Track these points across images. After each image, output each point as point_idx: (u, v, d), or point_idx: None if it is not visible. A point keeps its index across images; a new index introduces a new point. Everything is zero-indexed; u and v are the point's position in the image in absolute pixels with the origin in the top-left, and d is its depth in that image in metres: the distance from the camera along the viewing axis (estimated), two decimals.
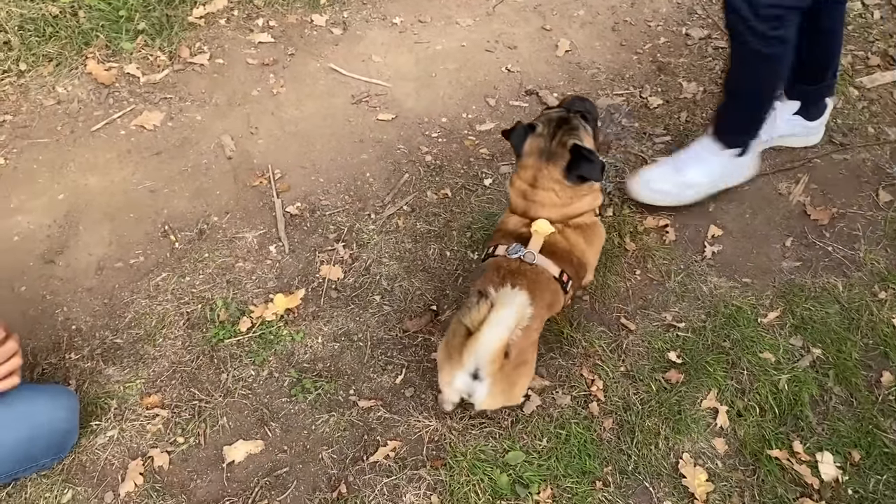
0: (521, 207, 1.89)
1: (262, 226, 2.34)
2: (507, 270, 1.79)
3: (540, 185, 1.85)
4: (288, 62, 2.77)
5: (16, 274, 2.21)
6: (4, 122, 2.53)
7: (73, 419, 1.81)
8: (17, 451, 1.71)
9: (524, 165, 1.87)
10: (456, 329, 1.71)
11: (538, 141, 1.85)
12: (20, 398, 1.71)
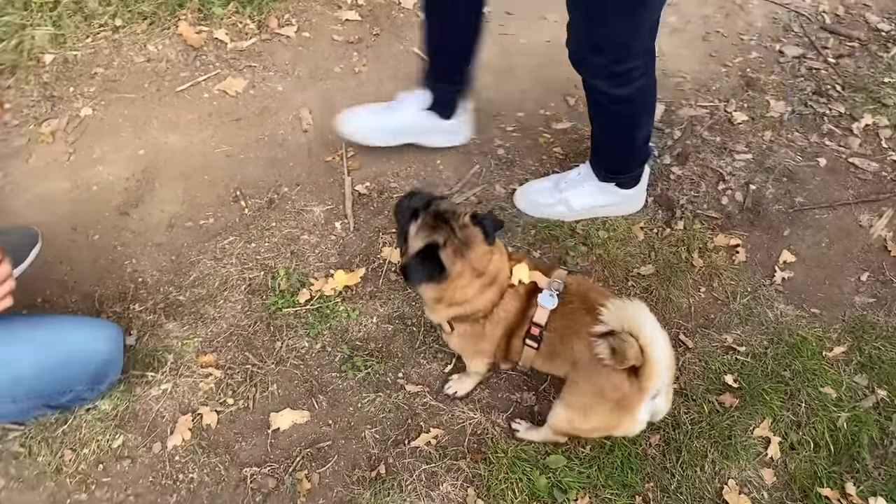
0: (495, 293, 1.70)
1: (331, 201, 2.36)
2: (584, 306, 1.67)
3: (485, 265, 1.66)
4: (372, 42, 2.78)
5: (91, 222, 2.29)
6: (96, 74, 2.62)
7: (113, 351, 1.78)
8: (49, 373, 1.70)
9: (459, 275, 1.65)
10: (602, 386, 1.63)
11: (449, 248, 1.62)
12: (56, 323, 1.75)
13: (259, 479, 1.84)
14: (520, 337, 1.72)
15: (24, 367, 1.66)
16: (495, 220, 1.70)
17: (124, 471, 1.85)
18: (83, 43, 2.67)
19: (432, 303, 1.73)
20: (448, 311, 1.72)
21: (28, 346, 1.66)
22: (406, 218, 1.69)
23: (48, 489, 1.81)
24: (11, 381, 1.65)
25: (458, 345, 1.84)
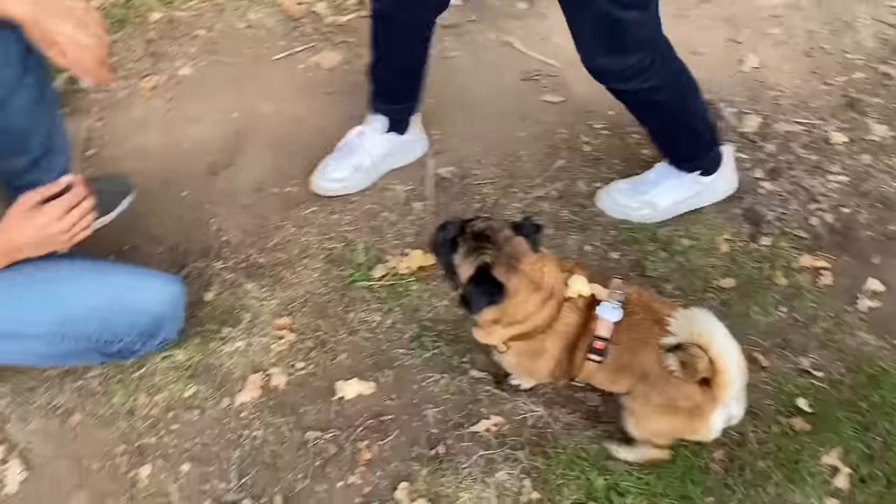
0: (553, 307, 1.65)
1: (412, 182, 2.38)
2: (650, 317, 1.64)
3: (540, 277, 1.62)
4: (467, 28, 2.79)
5: (183, 179, 2.36)
6: (198, 36, 2.70)
7: (169, 308, 1.79)
8: (101, 318, 1.70)
9: (517, 291, 1.61)
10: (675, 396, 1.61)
11: (500, 265, 1.59)
12: (119, 271, 1.78)
13: (321, 444, 1.87)
14: (582, 351, 1.68)
15: (78, 307, 1.68)
16: (534, 226, 1.66)
17: (192, 420, 1.91)
18: (188, 5, 2.75)
19: (489, 325, 1.70)
20: (505, 332, 1.69)
21: (86, 288, 1.70)
22: (447, 250, 1.65)
23: (120, 429, 1.89)
24: (63, 319, 1.67)
25: (514, 363, 1.81)
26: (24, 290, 1.64)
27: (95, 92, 2.52)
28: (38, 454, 1.84)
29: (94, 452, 1.85)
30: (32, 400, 1.90)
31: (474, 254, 1.59)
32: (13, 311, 1.63)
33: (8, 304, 1.63)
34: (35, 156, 1.94)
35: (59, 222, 1.56)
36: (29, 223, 1.55)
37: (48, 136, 1.95)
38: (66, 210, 1.57)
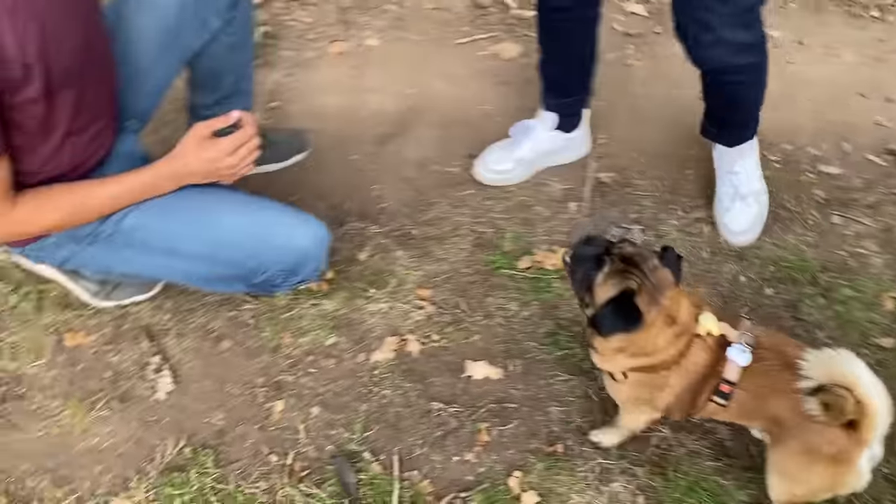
0: (684, 343, 1.58)
1: (571, 182, 2.38)
2: (780, 361, 1.56)
3: (676, 312, 1.55)
4: (651, 39, 2.76)
5: (353, 144, 2.47)
6: (388, 11, 2.81)
7: (312, 248, 1.81)
8: (247, 246, 1.76)
9: (653, 323, 1.53)
10: (816, 442, 1.53)
11: (644, 294, 1.51)
12: (271, 207, 1.82)
13: (443, 416, 1.92)
14: (706, 392, 1.61)
15: (229, 233, 1.75)
16: (678, 257, 1.59)
17: (329, 368, 2.00)
18: None
19: (612, 352, 1.63)
20: (628, 362, 1.62)
21: (238, 217, 1.77)
22: (590, 266, 1.57)
23: (263, 361, 2.00)
24: (214, 242, 1.75)
25: (629, 395, 1.72)
26: (184, 211, 1.73)
27: (288, 49, 2.68)
28: (187, 370, 1.99)
29: (236, 378, 1.98)
30: (190, 320, 2.06)
31: (619, 276, 1.53)
32: (172, 228, 1.73)
33: (169, 221, 1.72)
34: (223, 94, 2.11)
35: (228, 157, 1.63)
36: (201, 153, 1.63)
37: (238, 80, 2.11)
38: (236, 147, 1.63)
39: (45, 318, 2.03)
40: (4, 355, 1.98)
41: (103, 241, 1.71)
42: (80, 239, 1.71)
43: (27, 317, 2.03)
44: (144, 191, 1.65)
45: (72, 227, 1.65)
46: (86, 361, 1.98)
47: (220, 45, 1.96)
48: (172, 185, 1.67)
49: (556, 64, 2.26)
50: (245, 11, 1.99)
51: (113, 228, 1.70)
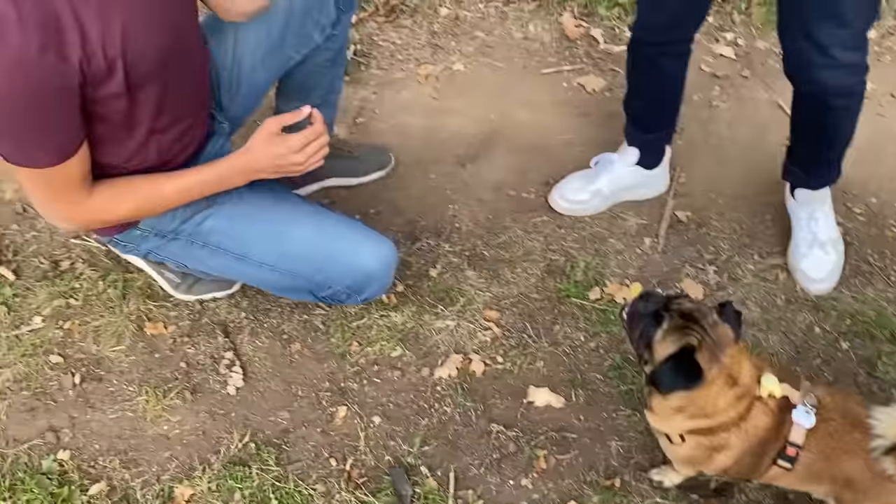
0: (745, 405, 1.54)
1: (647, 217, 2.38)
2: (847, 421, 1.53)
3: (738, 372, 1.52)
4: (738, 82, 2.74)
5: (432, 163, 2.52)
6: (477, 37, 2.87)
7: (377, 269, 1.83)
8: (313, 261, 1.80)
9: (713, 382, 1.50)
10: None
11: (704, 351, 1.48)
12: (340, 223, 1.86)
13: (502, 439, 1.93)
14: (769, 456, 1.57)
15: (297, 246, 1.80)
16: (737, 313, 1.56)
17: (393, 379, 2.03)
18: (475, 7, 2.93)
19: (670, 413, 1.58)
20: (687, 423, 1.57)
21: (307, 232, 1.81)
22: (648, 322, 1.55)
23: (330, 367, 2.05)
24: (281, 253, 1.80)
25: (685, 457, 1.66)
26: (259, 220, 1.80)
27: (377, 68, 2.76)
28: (257, 368, 2.05)
29: (303, 381, 2.03)
30: (265, 320, 2.12)
31: (679, 332, 1.50)
32: (246, 236, 1.80)
33: (244, 228, 1.79)
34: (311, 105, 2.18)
35: (297, 154, 1.62)
36: (271, 149, 1.62)
37: (327, 93, 2.19)
38: (304, 144, 1.62)
39: (129, 306, 2.12)
40: (88, 338, 2.08)
41: (184, 239, 1.79)
42: (164, 234, 1.79)
43: (112, 303, 2.13)
44: (214, 184, 1.67)
45: (145, 217, 1.70)
46: (163, 351, 2.07)
47: (317, 60, 2.04)
48: (242, 180, 1.69)
49: (642, 99, 2.28)
50: (344, 30, 2.07)
51: (193, 229, 1.77)
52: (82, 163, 1.48)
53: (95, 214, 1.61)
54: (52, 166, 1.43)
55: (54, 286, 2.14)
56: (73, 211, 1.56)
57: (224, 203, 1.77)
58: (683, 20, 2.10)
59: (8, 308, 2.10)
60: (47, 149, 1.41)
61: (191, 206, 1.74)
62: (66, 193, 1.50)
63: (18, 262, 2.20)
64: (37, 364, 2.02)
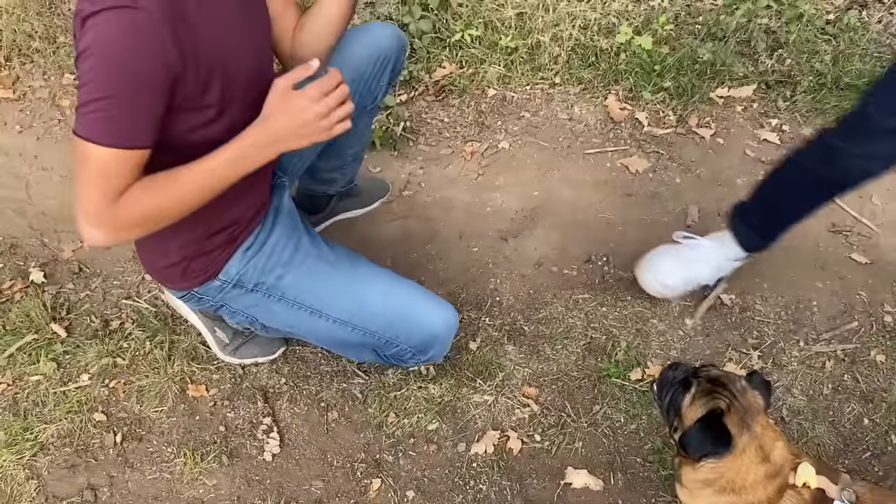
0: (772, 490, 1.51)
1: (690, 299, 2.36)
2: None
3: (770, 448, 1.50)
4: None
5: (476, 236, 2.56)
6: (523, 117, 2.94)
7: (443, 330, 1.85)
8: (386, 317, 1.81)
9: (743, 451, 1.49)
10: None
11: (733, 415, 1.49)
12: (411, 285, 1.86)
13: None
14: None
15: (372, 304, 1.81)
16: (765, 382, 1.56)
17: (428, 453, 2.02)
18: (522, 88, 3.02)
19: (699, 486, 1.56)
20: (714, 498, 1.54)
21: (381, 288, 1.83)
22: (677, 389, 1.59)
23: (366, 437, 2.05)
24: (356, 310, 1.80)
25: None
26: (337, 278, 1.82)
27: (425, 144, 2.84)
28: (294, 435, 2.06)
29: (339, 450, 2.03)
30: (304, 387, 2.14)
31: (707, 396, 1.52)
32: (324, 293, 1.81)
33: (322, 285, 1.82)
34: (343, 162, 2.28)
35: (316, 105, 1.44)
36: (285, 107, 1.45)
37: (360, 150, 2.29)
38: (323, 93, 1.44)
39: (174, 367, 2.16)
40: (132, 397, 2.12)
41: (262, 292, 1.81)
42: (243, 286, 1.80)
43: (157, 364, 2.17)
44: (240, 159, 1.47)
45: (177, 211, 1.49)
46: (203, 413, 2.09)
47: (360, 123, 2.11)
48: (268, 153, 1.49)
49: (789, 220, 2.13)
50: (384, 96, 2.14)
51: (273, 282, 1.80)
52: (142, 160, 1.39)
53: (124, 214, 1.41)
54: (130, 149, 1.34)
55: (103, 345, 2.20)
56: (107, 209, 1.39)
57: (304, 260, 1.82)
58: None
59: (58, 364, 2.16)
60: (131, 131, 1.33)
61: (272, 259, 1.78)
62: (113, 181, 1.37)
63: (71, 319, 2.28)
64: (81, 421, 2.06)
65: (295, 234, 1.84)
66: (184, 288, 1.79)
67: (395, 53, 1.98)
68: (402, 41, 2.00)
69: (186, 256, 1.70)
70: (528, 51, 3.03)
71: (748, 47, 3.00)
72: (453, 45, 3.02)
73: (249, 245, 1.76)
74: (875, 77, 2.63)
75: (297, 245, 1.82)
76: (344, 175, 2.35)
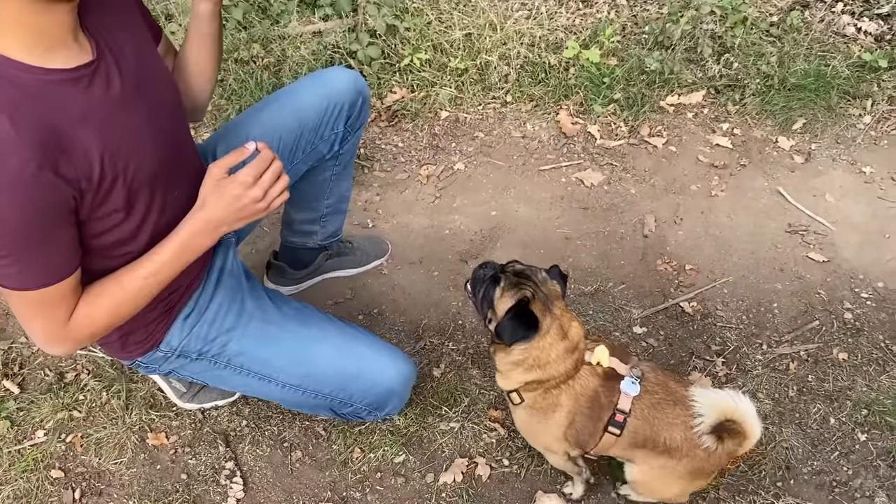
0: (570, 364, 1.69)
1: (650, 308, 2.36)
2: (669, 398, 1.70)
3: (567, 326, 1.68)
4: (736, 171, 2.76)
5: (435, 260, 2.54)
6: (477, 137, 2.94)
7: (398, 385, 1.82)
8: (337, 380, 1.78)
9: (547, 331, 1.65)
10: (702, 466, 1.73)
11: (538, 302, 1.65)
12: (362, 339, 1.83)
13: None
14: (602, 421, 1.70)
15: (321, 367, 1.78)
16: (562, 275, 1.75)
17: (396, 486, 1.98)
18: (475, 109, 3.02)
19: (510, 367, 1.73)
20: (523, 376, 1.71)
21: (331, 352, 1.79)
22: (488, 284, 1.73)
23: (332, 475, 2.01)
24: (306, 374, 1.78)
25: (526, 420, 1.80)
26: (283, 343, 1.77)
27: (380, 170, 2.82)
28: (258, 478, 2.01)
29: (304, 490, 1.98)
30: (266, 428, 2.10)
31: (515, 288, 1.67)
32: (270, 359, 1.78)
33: (268, 351, 1.77)
34: (320, 214, 2.22)
35: (251, 190, 1.43)
36: (220, 194, 1.45)
37: (336, 202, 2.22)
38: (256, 176, 1.43)
39: (132, 417, 2.11)
40: (90, 451, 2.06)
41: (208, 360, 1.77)
42: (187, 356, 1.76)
43: (115, 414, 2.12)
44: (180, 255, 1.50)
45: (128, 315, 1.52)
46: (164, 462, 2.04)
47: (325, 173, 2.08)
48: (207, 239, 1.51)
49: None
50: (351, 148, 2.10)
51: (217, 350, 1.76)
52: (76, 281, 1.45)
53: (80, 330, 1.47)
54: (50, 286, 1.39)
55: (58, 398, 2.14)
56: (60, 332, 1.45)
57: (249, 324, 1.76)
58: None
59: (11, 422, 2.10)
60: (46, 270, 1.38)
61: (214, 327, 1.73)
62: (56, 312, 1.43)
63: (24, 374, 2.22)
64: (38, 480, 2.00)
65: (238, 296, 1.78)
66: (127, 358, 1.75)
67: (348, 98, 1.93)
68: (357, 85, 1.96)
69: (125, 331, 1.65)
70: (478, 71, 3.04)
71: (695, 54, 3.02)
72: (403, 70, 3.01)
73: (189, 312, 1.71)
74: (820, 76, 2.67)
75: (240, 309, 1.77)
76: (324, 228, 2.28)
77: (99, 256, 1.47)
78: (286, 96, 1.92)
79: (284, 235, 2.33)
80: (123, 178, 1.41)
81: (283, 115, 1.88)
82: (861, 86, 2.94)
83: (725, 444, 1.66)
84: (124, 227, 1.48)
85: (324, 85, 1.94)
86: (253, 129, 1.85)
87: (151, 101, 1.48)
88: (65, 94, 1.29)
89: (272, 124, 1.86)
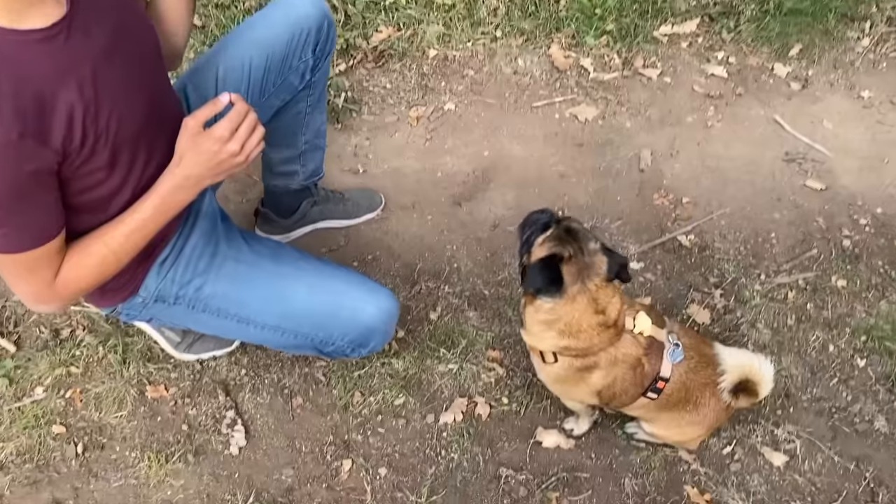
0: (606, 338, 1.64)
1: (647, 243, 2.34)
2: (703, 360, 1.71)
3: (605, 304, 1.61)
4: (732, 100, 2.71)
5: (428, 203, 2.50)
6: (467, 75, 2.87)
7: (379, 322, 1.76)
8: (315, 319, 1.75)
9: (574, 299, 1.59)
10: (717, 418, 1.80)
11: (572, 265, 1.58)
12: (340, 276, 1.78)
13: (511, 483, 1.87)
14: (641, 387, 1.69)
15: (297, 307, 1.74)
16: (621, 260, 1.65)
17: (397, 428, 1.99)
18: (464, 45, 2.93)
19: (541, 327, 1.67)
20: (557, 340, 1.66)
21: (306, 290, 1.75)
22: (535, 229, 1.68)
23: (333, 420, 2.01)
24: (282, 314, 1.75)
25: (559, 377, 1.75)
26: (258, 283, 1.75)
27: (369, 114, 2.77)
28: (259, 426, 2.02)
29: (306, 436, 1.99)
30: (265, 376, 2.10)
31: (556, 241, 1.61)
32: (246, 300, 1.75)
33: (243, 292, 1.75)
34: (298, 151, 2.17)
35: (228, 144, 1.43)
36: (198, 149, 1.44)
37: (313, 137, 2.17)
38: (232, 129, 1.43)
39: (130, 371, 2.10)
40: (90, 406, 2.06)
41: (185, 304, 1.75)
42: (165, 300, 1.75)
43: (113, 369, 2.11)
44: (162, 211, 1.50)
45: (113, 273, 1.54)
46: (164, 414, 2.04)
47: (298, 106, 2.04)
48: (186, 195, 1.51)
49: None
50: (322, 75, 2.05)
51: (193, 294, 1.74)
52: (61, 241, 1.45)
53: (66, 288, 1.48)
54: (35, 249, 1.39)
55: (55, 355, 2.13)
56: (47, 292, 1.46)
57: (222, 265, 1.74)
58: None
59: (10, 380, 2.10)
60: (31, 232, 1.38)
61: (188, 270, 1.72)
62: (42, 272, 1.44)
63: (19, 332, 2.20)
64: (39, 436, 2.00)
65: (213, 239, 1.76)
66: (107, 306, 1.73)
67: (314, 23, 1.87)
68: (319, 9, 1.88)
69: None
70: (466, 6, 2.94)
71: None
72: (388, 8, 2.92)
73: (165, 257, 1.69)
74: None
75: (214, 251, 1.74)
76: (304, 166, 2.22)
77: (84, 213, 1.47)
78: (250, 30, 1.85)
79: (266, 179, 2.29)
80: (106, 136, 1.39)
81: (250, 49, 1.81)
82: (859, 7, 2.86)
83: (739, 400, 1.71)
84: (109, 184, 1.47)
85: (286, 13, 1.87)
86: (220, 67, 1.80)
87: (132, 48, 1.44)
88: (42, 53, 1.26)
89: (239, 61, 1.80)
